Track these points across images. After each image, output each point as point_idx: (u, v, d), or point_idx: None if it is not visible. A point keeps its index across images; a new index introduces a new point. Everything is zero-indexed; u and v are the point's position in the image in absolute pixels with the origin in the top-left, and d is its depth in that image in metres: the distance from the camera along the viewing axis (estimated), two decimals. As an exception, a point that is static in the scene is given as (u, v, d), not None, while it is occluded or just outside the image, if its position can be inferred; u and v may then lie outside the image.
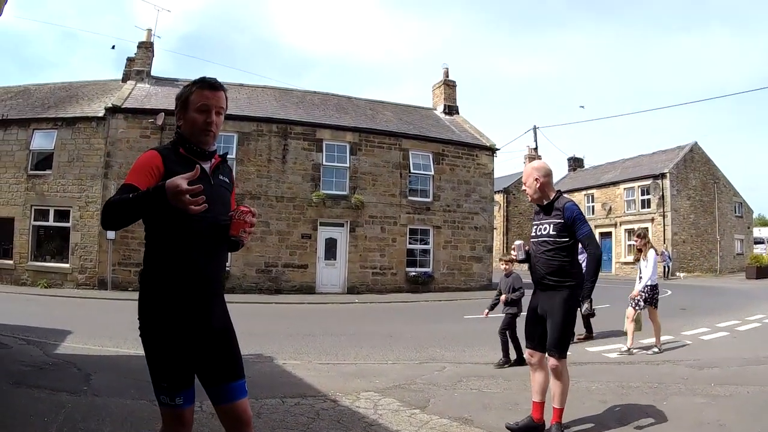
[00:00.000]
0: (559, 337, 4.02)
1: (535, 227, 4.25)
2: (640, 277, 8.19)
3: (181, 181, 2.04)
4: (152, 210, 2.13)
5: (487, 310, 7.66)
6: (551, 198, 4.18)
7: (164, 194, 2.03)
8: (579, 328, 7.70)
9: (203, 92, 2.39)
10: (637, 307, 8.00)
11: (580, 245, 4.17)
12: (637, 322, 8.03)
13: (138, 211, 2.15)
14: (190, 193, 2.04)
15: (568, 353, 4.13)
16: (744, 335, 9.42)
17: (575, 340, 8.09)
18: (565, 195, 4.31)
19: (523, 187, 4.37)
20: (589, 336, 9.13)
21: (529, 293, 4.47)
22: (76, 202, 17.83)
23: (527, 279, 4.82)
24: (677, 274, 30.39)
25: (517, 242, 4.66)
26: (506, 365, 6.98)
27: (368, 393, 5.42)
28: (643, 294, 8.03)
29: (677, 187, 32.59)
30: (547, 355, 4.13)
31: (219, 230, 2.31)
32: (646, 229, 6.98)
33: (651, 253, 8.18)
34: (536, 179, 4.19)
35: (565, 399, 4.08)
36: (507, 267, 7.53)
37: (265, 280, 18.46)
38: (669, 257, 29.55)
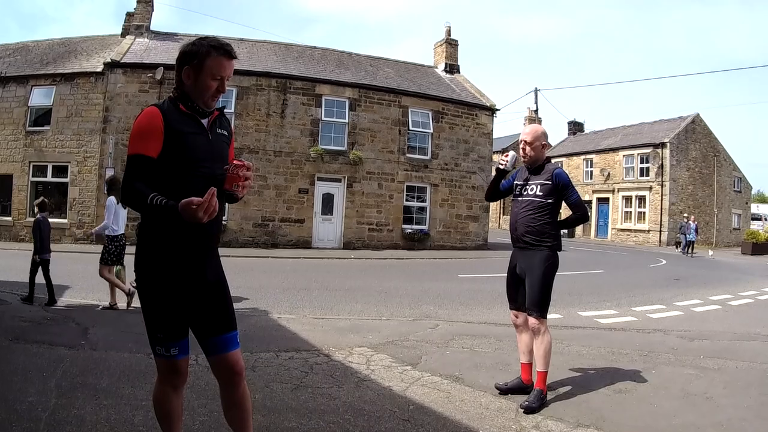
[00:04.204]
0: (539, 296, 4.04)
1: (520, 187, 4.30)
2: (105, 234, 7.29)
3: (192, 206, 2.09)
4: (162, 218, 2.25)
5: None
6: (542, 161, 4.27)
7: (177, 214, 2.11)
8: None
9: (221, 60, 2.36)
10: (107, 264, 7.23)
11: (560, 210, 4.27)
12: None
13: (151, 214, 2.28)
14: (202, 209, 2.09)
15: (558, 316, 4.13)
16: (736, 310, 9.41)
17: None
18: (562, 159, 4.36)
19: (523, 145, 4.24)
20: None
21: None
22: (74, 157, 17.73)
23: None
24: (709, 252, 27.25)
25: (512, 153, 4.43)
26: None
27: (361, 348, 5.46)
28: (110, 247, 7.22)
29: (677, 157, 32.31)
30: (527, 314, 4.15)
31: (216, 184, 2.27)
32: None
33: (110, 200, 7.23)
34: (543, 145, 4.26)
35: (548, 362, 4.05)
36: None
37: (261, 234, 18.48)
38: (695, 230, 25.16)
